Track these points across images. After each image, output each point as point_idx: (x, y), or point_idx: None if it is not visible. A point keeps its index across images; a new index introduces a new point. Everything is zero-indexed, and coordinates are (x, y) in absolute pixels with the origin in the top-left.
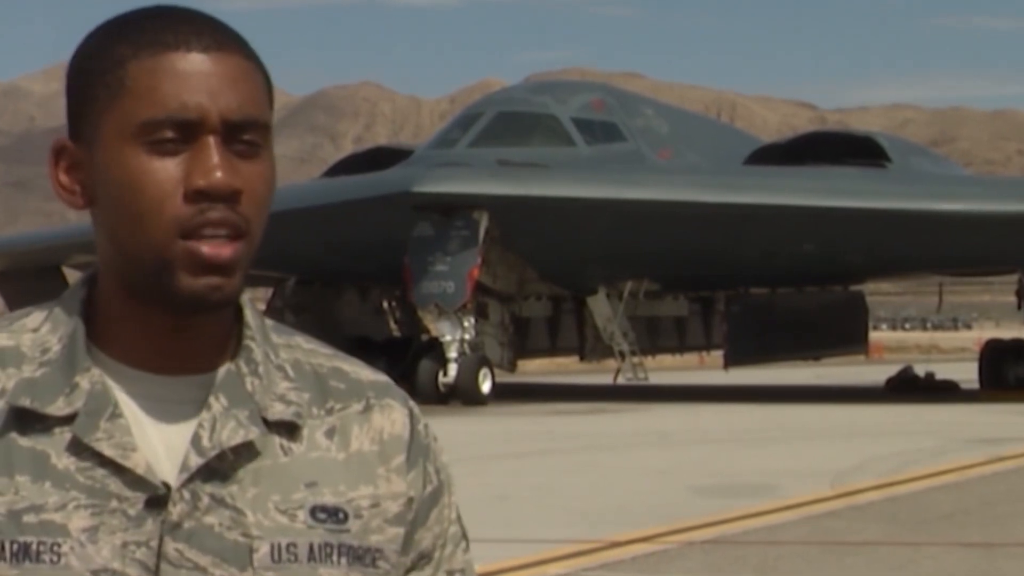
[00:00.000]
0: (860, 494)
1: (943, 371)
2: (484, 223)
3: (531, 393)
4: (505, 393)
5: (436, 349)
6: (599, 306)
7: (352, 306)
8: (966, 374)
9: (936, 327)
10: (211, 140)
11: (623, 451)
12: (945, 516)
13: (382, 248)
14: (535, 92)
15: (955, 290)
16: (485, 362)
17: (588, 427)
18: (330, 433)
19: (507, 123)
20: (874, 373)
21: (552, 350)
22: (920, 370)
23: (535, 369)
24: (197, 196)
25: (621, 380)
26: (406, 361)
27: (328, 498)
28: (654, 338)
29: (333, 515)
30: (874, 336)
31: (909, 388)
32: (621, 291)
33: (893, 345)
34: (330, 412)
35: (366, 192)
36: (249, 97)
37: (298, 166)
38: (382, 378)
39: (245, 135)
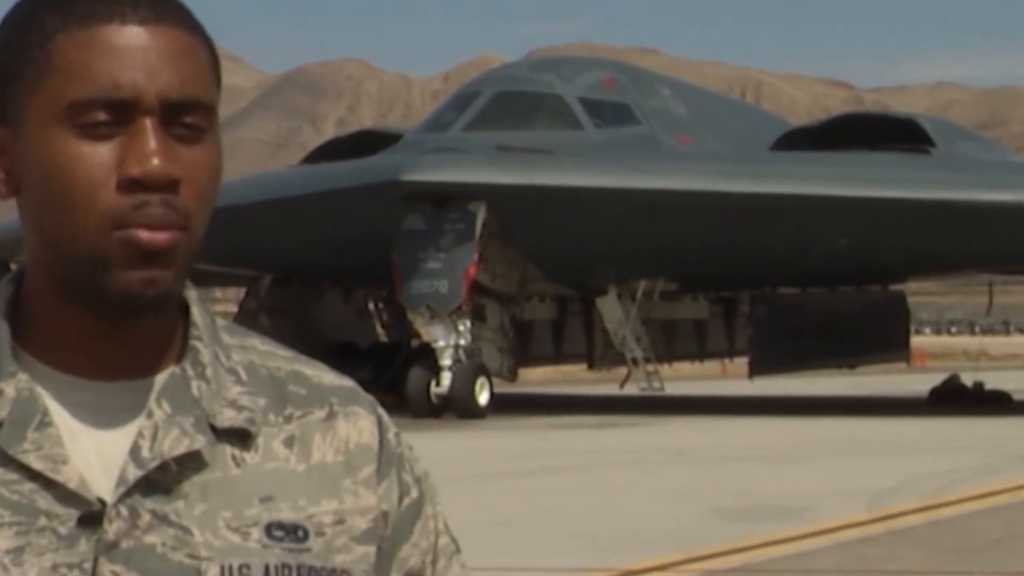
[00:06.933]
0: (900, 518)
1: (993, 380)
2: (481, 216)
3: (534, 405)
4: (505, 405)
5: (428, 356)
6: (609, 308)
7: (334, 308)
8: (1019, 383)
9: (985, 331)
10: (148, 123)
11: (636, 469)
12: (994, 542)
13: (368, 243)
14: (538, 69)
15: (1007, 290)
16: (482, 370)
17: (597, 443)
18: (289, 442)
19: (507, 104)
20: (916, 382)
21: (557, 357)
22: (967, 379)
23: (538, 378)
24: (131, 185)
25: (634, 389)
26: (394, 369)
27: (286, 514)
28: (671, 344)
29: (291, 533)
30: (916, 341)
31: (955, 399)
32: (634, 291)
33: (938, 351)
34: (289, 419)
35: (350, 181)
36: (191, 75)
37: (274, 151)
38: (347, 383)
39: (186, 117)
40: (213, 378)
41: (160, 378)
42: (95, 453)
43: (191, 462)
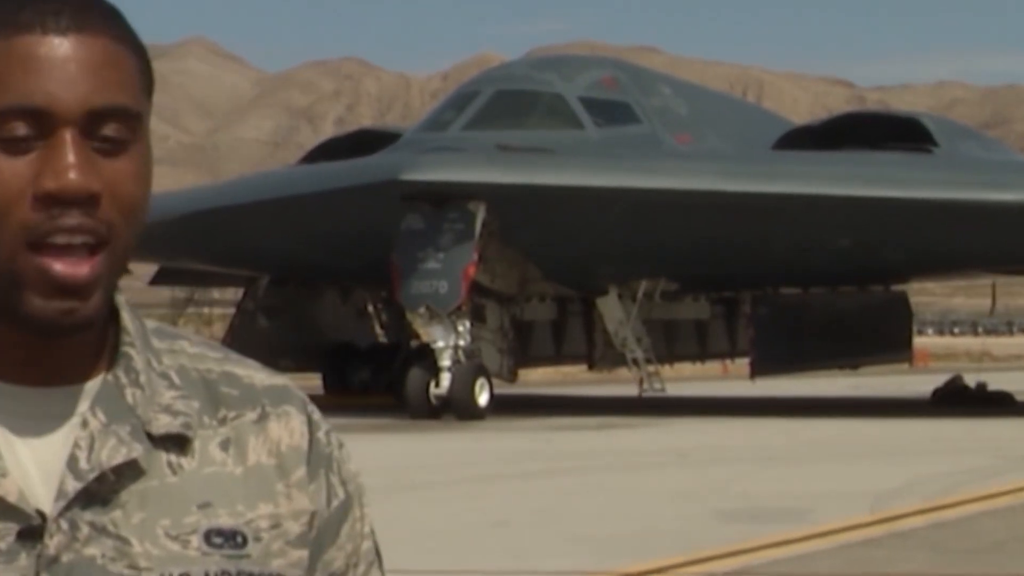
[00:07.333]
0: (903, 520)
1: (996, 381)
2: (481, 215)
3: (533, 406)
4: (504, 406)
5: (427, 357)
6: (610, 308)
7: (332, 308)
8: (1022, 384)
9: (989, 332)
10: (67, 135)
11: (636, 471)
12: (998, 544)
13: (366, 243)
14: (538, 68)
15: (1010, 290)
16: (482, 371)
17: (597, 444)
18: (225, 445)
19: (507, 103)
20: (919, 383)
21: (557, 358)
22: (970, 380)
23: (538, 379)
24: (47, 200)
25: (634, 390)
26: (393, 370)
27: (224, 520)
28: (672, 344)
29: (231, 539)
30: (919, 342)
31: (958, 400)
32: (635, 291)
33: (940, 352)
34: (223, 422)
35: (348, 180)
36: (114, 84)
37: (272, 151)
38: (279, 381)
39: (109, 128)
40: (147, 384)
41: (92, 385)
42: (33, 463)
43: (128, 471)
